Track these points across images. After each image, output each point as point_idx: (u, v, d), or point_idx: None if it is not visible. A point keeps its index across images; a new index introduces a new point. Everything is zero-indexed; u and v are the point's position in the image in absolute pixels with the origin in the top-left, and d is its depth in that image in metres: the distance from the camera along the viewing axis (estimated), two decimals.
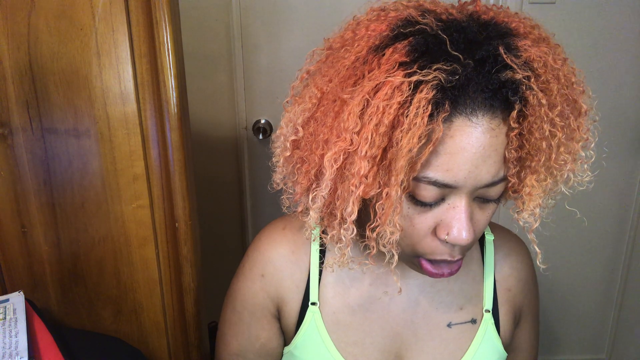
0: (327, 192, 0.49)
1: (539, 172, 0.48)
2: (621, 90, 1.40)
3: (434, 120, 0.43)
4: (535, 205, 0.49)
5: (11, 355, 0.57)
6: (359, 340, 0.64)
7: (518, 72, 0.44)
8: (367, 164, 0.45)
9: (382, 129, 0.44)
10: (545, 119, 0.45)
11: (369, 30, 0.48)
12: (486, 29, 0.46)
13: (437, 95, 0.43)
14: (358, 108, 0.45)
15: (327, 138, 0.48)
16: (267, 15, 1.30)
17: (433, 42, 0.44)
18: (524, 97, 0.45)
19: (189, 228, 0.75)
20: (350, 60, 0.47)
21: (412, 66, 0.43)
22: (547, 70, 0.45)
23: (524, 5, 1.32)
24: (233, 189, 1.45)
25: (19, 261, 0.74)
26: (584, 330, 1.68)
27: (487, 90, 0.44)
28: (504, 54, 0.44)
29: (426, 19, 0.46)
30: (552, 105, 0.45)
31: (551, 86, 0.45)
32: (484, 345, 0.65)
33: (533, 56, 0.45)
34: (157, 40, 0.66)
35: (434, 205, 0.49)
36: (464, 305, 0.65)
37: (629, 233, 1.55)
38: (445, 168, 0.46)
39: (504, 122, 0.45)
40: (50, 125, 0.68)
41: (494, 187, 0.48)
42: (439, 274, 0.54)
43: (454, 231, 0.48)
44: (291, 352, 0.66)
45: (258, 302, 0.67)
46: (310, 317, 0.64)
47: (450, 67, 0.43)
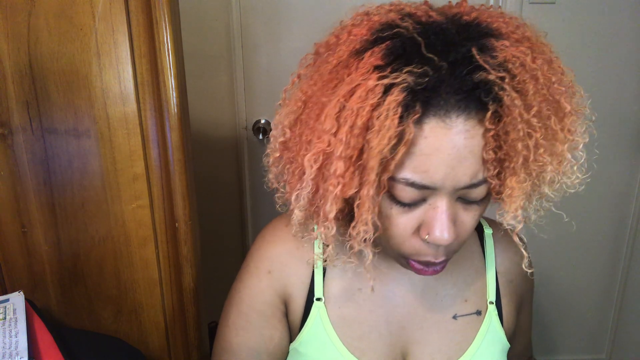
0: (309, 191, 0.50)
1: (519, 173, 0.47)
2: (621, 90, 1.40)
3: (405, 122, 0.44)
4: (517, 207, 0.48)
5: (11, 355, 0.57)
6: (365, 334, 0.64)
7: (491, 73, 0.44)
8: (342, 164, 0.46)
9: (356, 131, 0.45)
10: (520, 120, 0.45)
11: (350, 35, 0.49)
12: (466, 30, 0.47)
13: (407, 98, 0.44)
14: (334, 110, 0.46)
15: (310, 139, 0.49)
16: (267, 15, 1.30)
17: (409, 45, 0.45)
18: (498, 98, 0.44)
19: (189, 228, 0.75)
20: (332, 65, 0.49)
21: (385, 69, 0.45)
22: (524, 70, 0.45)
23: (524, 5, 1.32)
24: (233, 189, 1.45)
25: (19, 261, 0.74)
26: (584, 330, 1.68)
27: (461, 92, 0.44)
28: (477, 55, 0.44)
29: (405, 22, 0.47)
30: (528, 105, 0.45)
31: (527, 86, 0.45)
32: (489, 336, 0.66)
33: (509, 56, 0.45)
34: (157, 40, 0.66)
35: (415, 205, 0.50)
36: (468, 298, 0.66)
37: (629, 233, 1.55)
38: (421, 169, 0.46)
39: (480, 124, 0.45)
40: (50, 125, 0.68)
41: (475, 188, 0.48)
42: (425, 272, 0.55)
43: (435, 231, 0.49)
44: (296, 349, 0.66)
45: (266, 301, 0.66)
46: (316, 313, 0.64)
47: (420, 70, 0.44)
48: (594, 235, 1.54)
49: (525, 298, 0.73)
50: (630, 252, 1.56)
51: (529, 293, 0.74)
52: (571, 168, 0.50)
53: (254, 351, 0.67)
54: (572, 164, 0.50)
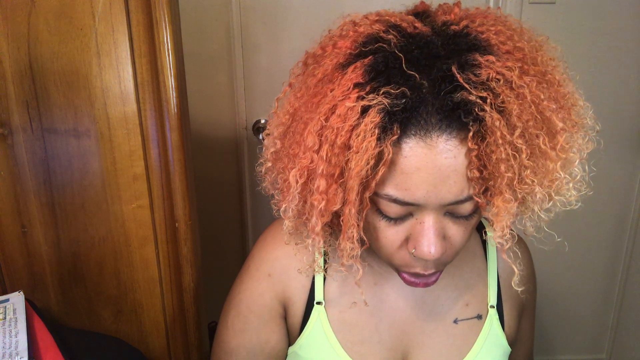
0: (296, 204, 0.51)
1: (504, 193, 0.45)
2: (621, 90, 1.40)
3: (383, 143, 0.44)
4: (503, 227, 0.47)
5: (11, 355, 0.57)
6: (366, 339, 0.64)
7: (472, 93, 0.43)
8: (325, 181, 0.47)
9: (337, 150, 0.45)
10: (502, 142, 0.43)
11: (335, 48, 0.49)
12: (453, 42, 0.45)
13: (385, 119, 0.43)
14: (316, 127, 0.46)
15: (296, 153, 0.49)
16: (267, 15, 1.30)
17: (392, 60, 0.44)
18: (479, 118, 0.43)
19: (189, 228, 0.75)
20: (317, 78, 0.49)
21: (365, 87, 0.44)
22: (509, 88, 0.43)
23: (524, 5, 1.32)
24: (233, 189, 1.45)
25: (19, 261, 0.74)
26: (584, 330, 1.68)
27: (442, 112, 0.43)
28: (457, 74, 0.43)
29: (389, 35, 0.46)
30: (513, 126, 0.44)
31: (511, 106, 0.43)
32: (490, 340, 0.65)
33: (493, 74, 0.43)
34: (157, 40, 0.66)
35: (402, 219, 0.50)
36: (469, 301, 0.66)
37: (629, 233, 1.55)
38: (403, 187, 0.46)
39: (463, 143, 0.44)
40: (50, 125, 0.68)
41: (461, 205, 0.48)
42: (416, 284, 0.55)
43: (421, 247, 0.48)
44: (295, 352, 0.66)
45: (265, 304, 0.66)
46: (316, 317, 0.64)
47: (397, 91, 0.43)
48: (594, 235, 1.54)
49: (527, 303, 0.72)
50: (630, 253, 1.56)
51: (531, 298, 0.73)
52: (566, 185, 0.49)
53: (251, 353, 0.67)
54: (567, 181, 0.49)
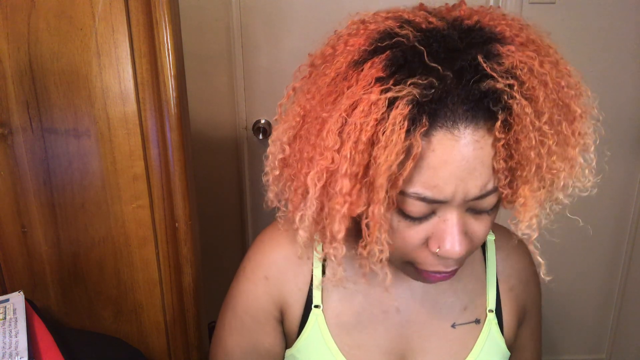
0: (313, 211, 0.48)
1: (532, 182, 0.45)
2: (621, 90, 1.40)
3: (412, 135, 0.42)
4: (532, 216, 0.46)
5: (11, 355, 0.57)
6: (363, 343, 0.64)
7: (499, 81, 0.42)
8: (348, 182, 0.44)
9: (361, 147, 0.43)
10: (532, 128, 0.43)
11: (347, 46, 0.47)
12: (469, 35, 0.45)
13: (414, 111, 0.42)
14: (337, 126, 0.44)
15: (312, 156, 0.47)
16: (267, 15, 1.30)
17: (411, 54, 0.43)
18: (507, 106, 0.43)
19: (189, 228, 0.75)
20: (330, 77, 0.47)
21: (388, 81, 0.43)
22: (533, 76, 0.43)
23: (524, 5, 1.32)
24: (233, 189, 1.45)
25: (19, 261, 0.74)
26: (584, 330, 1.68)
27: (468, 102, 0.43)
28: (483, 63, 0.43)
29: (405, 30, 0.45)
30: (539, 112, 0.44)
31: (537, 93, 0.43)
32: (488, 345, 0.65)
33: (516, 62, 0.43)
34: (157, 40, 0.66)
35: (426, 218, 0.48)
36: (467, 306, 0.65)
37: (629, 233, 1.55)
38: (431, 184, 0.45)
39: (489, 133, 0.44)
40: (50, 125, 0.68)
41: (485, 198, 0.47)
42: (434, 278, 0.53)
43: (446, 245, 0.48)
44: (293, 355, 0.66)
45: (261, 307, 0.65)
46: (313, 320, 0.63)
47: (425, 81, 0.42)
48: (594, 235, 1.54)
49: (528, 308, 0.71)
50: (630, 252, 1.56)
51: (534, 304, 0.72)
52: (583, 171, 0.49)
53: (246, 353, 0.67)
54: (583, 167, 0.49)
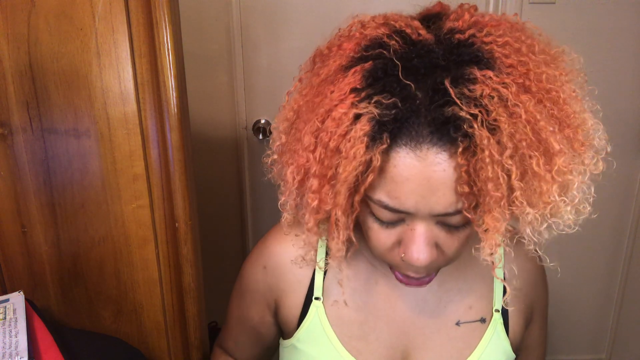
0: (293, 198, 0.52)
1: (493, 211, 0.44)
2: (621, 91, 1.40)
3: (371, 151, 0.44)
4: (492, 245, 0.46)
5: (11, 355, 0.57)
6: (363, 335, 0.64)
7: (463, 109, 0.42)
8: (317, 182, 0.48)
9: (329, 153, 0.46)
10: (490, 160, 0.42)
11: (340, 49, 0.49)
12: (454, 52, 0.45)
13: (375, 128, 0.43)
14: (312, 128, 0.47)
15: (296, 150, 0.50)
16: (267, 15, 1.30)
17: (391, 67, 0.44)
18: (468, 134, 0.42)
19: (189, 228, 0.75)
20: (321, 78, 0.49)
21: (361, 93, 0.44)
22: (502, 106, 0.42)
23: (524, 5, 1.32)
24: (233, 189, 1.45)
25: (19, 261, 0.74)
26: (584, 330, 1.68)
27: (432, 125, 0.43)
28: (450, 88, 0.42)
29: (392, 41, 0.46)
30: (503, 145, 0.42)
31: (503, 125, 0.42)
32: (492, 344, 0.65)
33: (487, 90, 0.42)
34: (157, 40, 0.66)
35: (394, 224, 0.50)
36: (473, 304, 0.66)
37: (629, 233, 1.55)
38: (393, 195, 0.46)
39: (452, 157, 0.43)
40: (50, 125, 0.68)
41: (452, 216, 0.47)
42: (409, 283, 0.56)
43: (410, 252, 0.49)
44: (294, 345, 0.67)
45: (258, 289, 0.70)
46: (314, 312, 0.65)
47: (389, 101, 0.43)
48: (594, 235, 1.54)
49: (536, 309, 0.71)
50: (630, 252, 1.56)
51: (541, 305, 0.72)
52: (564, 207, 0.47)
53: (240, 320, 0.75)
54: (565, 204, 0.46)
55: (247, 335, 0.76)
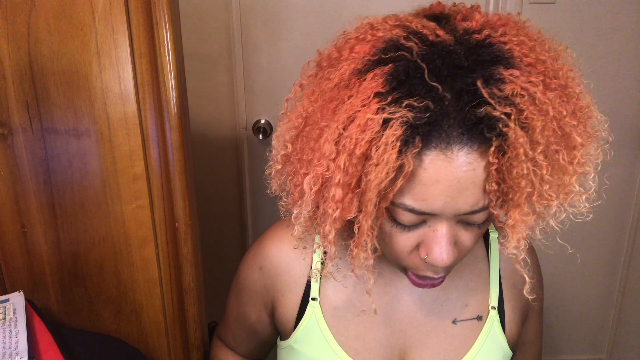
0: (309, 210, 0.50)
1: (522, 206, 0.46)
2: (621, 91, 1.40)
3: (404, 155, 0.43)
4: (519, 239, 0.47)
5: (11, 355, 0.57)
6: (360, 335, 0.64)
7: (496, 109, 0.42)
8: (341, 190, 0.46)
9: (355, 160, 0.44)
10: (525, 158, 0.43)
11: (353, 52, 0.47)
12: (475, 52, 0.44)
13: (407, 132, 0.43)
14: (333, 136, 0.45)
15: (310, 159, 0.49)
16: (267, 15, 1.30)
17: (413, 70, 0.43)
18: (502, 133, 0.43)
19: (189, 228, 0.75)
20: (333, 83, 0.47)
21: (386, 97, 0.43)
22: (533, 104, 0.43)
23: (524, 5, 1.32)
24: (233, 189, 1.45)
25: (19, 261, 0.74)
26: (584, 330, 1.68)
27: (463, 125, 0.43)
28: (482, 88, 0.42)
29: (410, 42, 0.45)
30: (535, 142, 0.43)
31: (535, 122, 0.43)
32: (489, 342, 0.65)
33: (517, 89, 0.43)
34: (157, 40, 0.66)
35: (416, 226, 0.50)
36: (469, 302, 0.66)
37: (629, 233, 1.55)
38: (420, 197, 0.46)
39: (483, 156, 0.44)
40: (50, 125, 0.68)
41: (476, 214, 0.48)
42: (423, 285, 0.55)
43: (433, 254, 0.49)
44: (291, 346, 0.67)
45: (255, 289, 0.71)
46: (311, 312, 0.65)
47: (421, 104, 0.42)
48: (594, 235, 1.54)
49: (531, 305, 0.71)
50: (630, 252, 1.56)
51: (537, 301, 0.73)
52: (579, 198, 0.49)
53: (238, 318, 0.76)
54: (580, 194, 0.48)
55: (244, 331, 0.76)
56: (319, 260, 0.65)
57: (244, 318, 0.75)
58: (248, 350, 0.79)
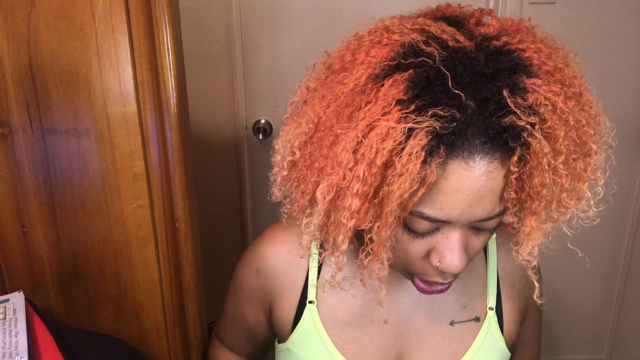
0: (320, 220, 0.48)
1: (540, 214, 0.46)
2: (621, 91, 1.40)
3: (428, 165, 0.42)
4: (534, 245, 0.47)
5: (11, 355, 0.57)
6: (358, 338, 0.64)
7: (522, 118, 0.42)
8: (358, 200, 0.44)
9: (375, 169, 0.43)
10: (548, 168, 0.43)
11: (369, 56, 0.45)
12: (496, 59, 0.44)
13: (432, 142, 0.41)
14: (352, 144, 0.43)
15: (322, 167, 0.47)
16: (267, 15, 1.30)
17: (434, 77, 0.42)
18: (526, 143, 0.42)
19: (189, 228, 0.75)
20: (348, 88, 0.45)
21: (409, 105, 0.42)
22: (555, 114, 0.43)
23: (524, 5, 1.31)
24: (233, 189, 1.45)
25: (19, 261, 0.74)
26: (584, 330, 1.68)
27: (487, 134, 0.42)
28: (508, 98, 0.42)
29: (430, 48, 0.43)
30: (557, 152, 0.43)
31: (557, 132, 0.42)
32: (487, 343, 0.65)
33: (541, 99, 0.42)
34: (157, 40, 0.66)
35: (428, 234, 0.49)
36: (467, 304, 0.66)
37: (629, 233, 1.55)
38: (438, 206, 0.45)
39: (503, 165, 0.44)
40: (50, 125, 0.68)
41: (490, 220, 0.48)
42: (430, 292, 0.55)
43: (446, 260, 0.49)
44: (288, 349, 0.67)
45: (252, 291, 0.71)
46: (308, 315, 0.65)
47: (447, 114, 0.41)
48: (594, 235, 1.54)
49: (530, 305, 0.71)
50: (630, 253, 1.56)
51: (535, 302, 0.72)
52: (588, 203, 0.49)
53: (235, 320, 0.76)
54: (590, 199, 0.49)
55: (243, 333, 0.76)
56: (316, 266, 0.65)
57: (242, 319, 0.74)
58: (246, 351, 0.79)
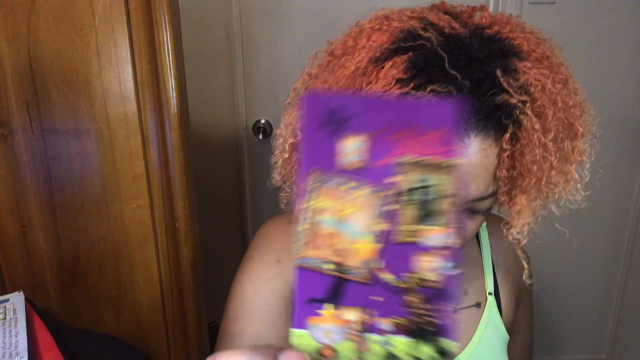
0: None
1: (530, 192, 0.48)
2: (621, 91, 1.40)
3: None
4: (524, 224, 0.49)
5: (11, 355, 0.57)
6: None
7: (514, 97, 0.44)
8: None
9: None
10: (538, 144, 0.45)
11: (370, 41, 0.48)
12: (488, 45, 0.46)
13: None
14: None
15: None
16: (267, 15, 1.30)
17: (432, 59, 0.45)
18: (518, 120, 0.45)
19: (189, 228, 0.75)
20: (350, 70, 0.48)
21: (408, 83, 0.44)
22: (544, 94, 0.45)
23: (524, 5, 1.31)
24: (233, 189, 1.45)
25: (19, 261, 0.74)
26: (584, 330, 1.68)
27: (481, 112, 0.44)
28: (501, 77, 0.44)
29: (428, 33, 0.46)
30: (546, 130, 0.46)
31: (546, 111, 0.45)
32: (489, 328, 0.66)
33: (531, 80, 0.45)
34: (157, 40, 0.66)
35: None
36: (467, 290, 0.67)
37: (629, 234, 1.55)
38: None
39: (496, 143, 0.46)
40: (50, 125, 0.68)
41: (484, 201, 0.49)
42: None
43: None
44: None
45: (277, 289, 0.60)
46: None
47: (445, 90, 0.44)
48: (594, 235, 1.54)
49: (523, 290, 0.73)
50: (630, 253, 1.56)
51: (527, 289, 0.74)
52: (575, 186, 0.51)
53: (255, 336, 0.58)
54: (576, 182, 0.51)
55: None
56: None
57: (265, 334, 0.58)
58: None
